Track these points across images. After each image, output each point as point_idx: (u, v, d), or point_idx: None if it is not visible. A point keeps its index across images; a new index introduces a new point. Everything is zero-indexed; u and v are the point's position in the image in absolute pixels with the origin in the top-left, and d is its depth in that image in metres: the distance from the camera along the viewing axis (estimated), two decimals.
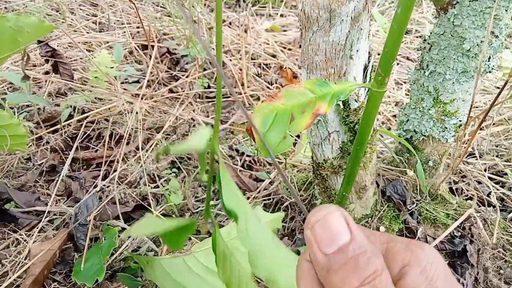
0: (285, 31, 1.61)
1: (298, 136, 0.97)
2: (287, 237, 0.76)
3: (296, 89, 0.34)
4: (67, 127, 1.03)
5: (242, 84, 1.25)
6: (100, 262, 0.68)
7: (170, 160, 0.97)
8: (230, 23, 1.62)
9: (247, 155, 1.00)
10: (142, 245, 0.76)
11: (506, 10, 0.53)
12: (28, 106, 1.08)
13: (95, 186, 0.88)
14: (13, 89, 1.13)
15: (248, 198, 0.85)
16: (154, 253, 0.75)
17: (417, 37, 1.56)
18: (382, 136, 1.01)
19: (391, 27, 0.36)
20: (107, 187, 0.88)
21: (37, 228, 0.78)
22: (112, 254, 0.74)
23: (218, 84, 0.24)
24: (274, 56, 1.44)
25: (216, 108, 0.24)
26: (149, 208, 0.84)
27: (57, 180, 0.89)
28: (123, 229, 0.78)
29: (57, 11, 1.52)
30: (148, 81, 1.20)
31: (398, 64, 1.42)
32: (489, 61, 0.59)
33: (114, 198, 0.84)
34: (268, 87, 1.27)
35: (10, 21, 0.49)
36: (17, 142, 0.67)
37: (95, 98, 1.10)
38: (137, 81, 1.25)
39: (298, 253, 0.69)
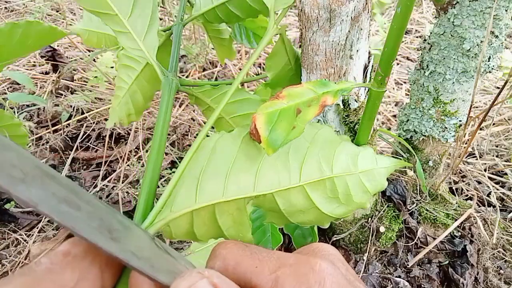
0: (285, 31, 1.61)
1: None
2: None
3: (299, 89, 0.34)
4: (67, 127, 1.03)
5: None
6: None
7: (170, 160, 0.97)
8: None
9: None
10: None
11: (506, 10, 0.53)
12: (28, 106, 1.09)
13: (95, 186, 0.88)
14: (13, 89, 1.13)
15: None
16: None
17: (417, 37, 1.56)
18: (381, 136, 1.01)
19: (391, 27, 0.36)
20: (107, 187, 0.88)
21: (37, 228, 0.78)
22: None
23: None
24: None
25: None
26: None
27: None
28: None
29: (57, 11, 1.52)
30: None
31: (398, 64, 1.42)
32: (489, 61, 0.59)
33: (115, 198, 0.84)
34: None
35: (21, 27, 0.49)
36: (17, 142, 0.67)
37: (95, 98, 1.10)
38: None
39: None
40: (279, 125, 0.30)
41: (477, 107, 1.15)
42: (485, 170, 0.91)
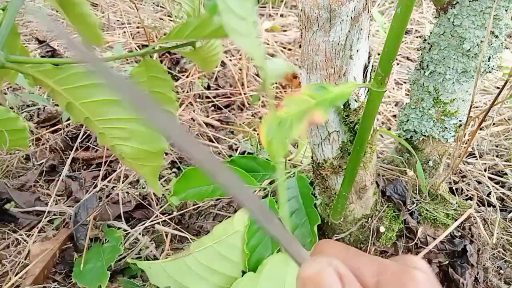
0: (285, 31, 1.61)
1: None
2: None
3: (297, 97, 0.37)
4: (67, 127, 1.03)
5: (242, 84, 1.25)
6: (102, 266, 0.67)
7: (170, 160, 0.97)
8: None
9: (248, 153, 1.00)
10: (143, 250, 0.76)
11: (506, 10, 0.53)
12: (28, 106, 1.08)
13: (95, 186, 0.88)
14: (13, 89, 1.13)
15: None
16: (154, 257, 0.75)
17: (417, 37, 1.56)
18: (382, 136, 1.01)
19: (391, 27, 0.36)
20: (107, 187, 0.88)
21: (37, 228, 0.78)
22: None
23: None
24: (274, 56, 1.44)
25: None
26: (150, 207, 0.84)
27: (57, 180, 0.89)
28: (125, 230, 0.78)
29: (57, 11, 1.52)
30: None
31: (398, 64, 1.42)
32: (489, 61, 0.59)
33: (115, 198, 0.84)
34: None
35: None
36: (17, 138, 0.63)
37: None
38: None
39: None
40: (275, 139, 0.34)
41: (477, 107, 1.15)
42: (485, 170, 0.91)
